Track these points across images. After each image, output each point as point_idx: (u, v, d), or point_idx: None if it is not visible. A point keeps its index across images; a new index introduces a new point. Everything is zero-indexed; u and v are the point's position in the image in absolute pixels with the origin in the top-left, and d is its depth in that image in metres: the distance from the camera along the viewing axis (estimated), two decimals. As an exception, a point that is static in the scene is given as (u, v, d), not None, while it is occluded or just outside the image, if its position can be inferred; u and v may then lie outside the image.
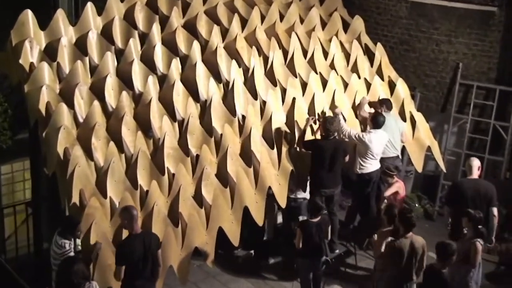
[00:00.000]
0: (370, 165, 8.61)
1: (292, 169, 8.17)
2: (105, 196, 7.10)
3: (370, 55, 9.77)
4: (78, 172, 6.97)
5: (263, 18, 9.34)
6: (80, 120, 7.57)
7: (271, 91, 8.54)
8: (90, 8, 8.41)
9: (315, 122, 8.52)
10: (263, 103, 8.48)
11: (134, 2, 8.76)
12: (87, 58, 8.09)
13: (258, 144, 8.07)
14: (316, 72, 9.04)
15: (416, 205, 10.52)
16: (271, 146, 8.20)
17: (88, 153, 7.28)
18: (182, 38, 8.68)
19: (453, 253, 6.75)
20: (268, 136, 8.24)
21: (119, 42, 8.46)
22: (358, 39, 9.71)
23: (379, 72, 9.58)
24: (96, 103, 7.61)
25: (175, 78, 8.18)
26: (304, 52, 9.22)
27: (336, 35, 9.60)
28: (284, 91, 8.70)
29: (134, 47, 8.32)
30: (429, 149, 9.45)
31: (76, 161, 7.02)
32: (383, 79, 9.53)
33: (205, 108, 8.16)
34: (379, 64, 9.65)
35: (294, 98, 8.61)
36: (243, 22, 9.16)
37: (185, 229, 7.29)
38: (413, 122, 9.37)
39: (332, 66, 9.28)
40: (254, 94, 8.48)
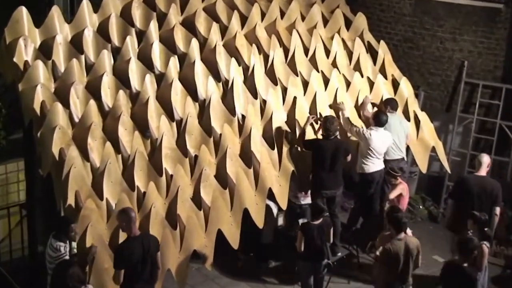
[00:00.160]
0: (372, 164, 8.60)
1: (293, 169, 8.17)
2: (101, 197, 7.10)
3: (373, 53, 9.77)
4: (74, 173, 6.98)
5: (263, 15, 9.34)
6: (76, 119, 7.57)
7: (271, 90, 8.54)
8: (86, 5, 8.41)
9: (316, 121, 8.53)
10: (264, 102, 8.49)
11: (131, -1, 8.78)
12: (83, 56, 8.09)
13: (258, 145, 8.07)
14: (317, 70, 9.04)
15: (420, 207, 10.52)
16: (272, 147, 8.20)
17: (84, 153, 7.28)
18: (180, 36, 8.68)
19: (474, 248, 6.85)
20: (268, 136, 8.24)
21: (115, 40, 8.46)
22: (361, 37, 9.71)
23: (382, 71, 9.59)
24: (92, 102, 7.61)
25: (173, 76, 8.18)
26: (306, 50, 9.22)
27: (338, 32, 9.60)
28: (285, 90, 8.71)
29: (131, 45, 8.32)
30: (433, 149, 9.45)
31: (71, 161, 7.02)
32: (386, 78, 9.53)
33: (204, 108, 8.16)
34: (382, 62, 9.65)
35: (295, 97, 8.62)
36: (243, 19, 9.17)
37: (183, 231, 7.29)
38: (417, 122, 9.37)
39: (334, 64, 9.29)
40: (254, 93, 8.48)
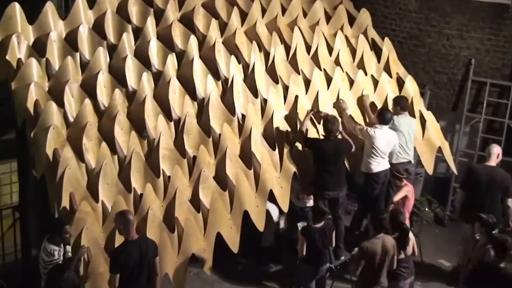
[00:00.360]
0: (377, 164, 8.58)
1: (294, 171, 8.17)
2: (96, 200, 7.11)
3: (377, 50, 9.76)
4: (68, 175, 6.98)
5: (264, 11, 9.35)
6: (71, 119, 7.57)
7: (272, 88, 8.54)
8: (81, 1, 8.40)
9: (317, 117, 8.47)
10: (264, 101, 8.49)
11: (127, -5, 8.78)
12: (77, 54, 8.09)
13: (258, 145, 8.07)
14: (320, 68, 9.04)
15: (426, 209, 10.52)
16: (273, 147, 8.20)
17: (79, 154, 7.29)
18: (178, 33, 8.69)
19: (509, 247, 6.94)
20: (269, 136, 8.24)
21: (111, 37, 8.46)
22: (365, 34, 9.71)
23: (387, 69, 9.58)
24: (87, 102, 7.61)
25: (171, 75, 8.18)
26: (308, 48, 9.21)
27: (341, 29, 9.60)
28: (286, 89, 8.71)
29: (128, 42, 8.33)
30: (439, 150, 9.45)
31: (66, 162, 7.02)
32: (391, 76, 9.53)
33: (202, 107, 8.16)
34: (387, 60, 9.64)
35: (296, 96, 8.62)
36: (243, 16, 9.17)
37: (181, 234, 7.29)
38: (422, 121, 9.37)
39: (337, 62, 9.28)
40: (255, 92, 8.48)
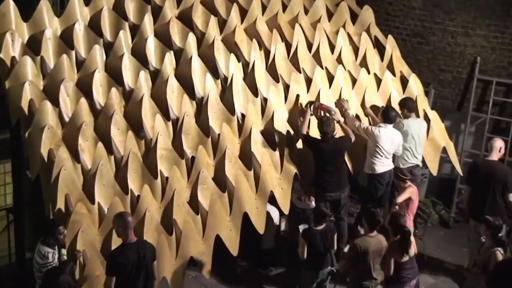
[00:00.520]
0: (381, 164, 8.58)
1: (296, 172, 8.17)
2: (92, 201, 7.10)
3: (380, 48, 9.77)
4: (64, 176, 6.98)
5: (264, 8, 9.35)
6: (66, 119, 7.57)
7: (273, 87, 8.54)
8: (76, -3, 8.44)
9: (317, 110, 8.45)
10: (264, 100, 8.49)
11: (124, -9, 8.78)
12: (73, 52, 8.09)
13: (258, 145, 8.07)
14: (321, 66, 9.04)
15: (431, 211, 10.51)
16: (273, 147, 8.20)
17: (75, 155, 7.29)
18: (176, 30, 8.69)
19: None
20: (269, 137, 8.24)
21: (108, 35, 8.47)
22: (368, 31, 9.71)
23: (390, 67, 9.58)
24: (83, 101, 7.61)
25: (168, 73, 8.18)
26: (309, 45, 9.21)
27: (344, 26, 9.60)
28: (287, 88, 8.70)
29: (124, 40, 8.33)
30: (444, 150, 9.45)
31: (61, 163, 7.02)
32: (394, 75, 9.53)
33: (201, 106, 8.16)
34: (390, 58, 9.64)
35: (298, 95, 8.62)
36: (243, 13, 9.17)
37: (179, 237, 7.29)
38: (427, 121, 9.35)
39: (339, 60, 9.28)
40: (255, 91, 8.48)
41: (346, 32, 9.57)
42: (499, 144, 8.62)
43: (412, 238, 7.55)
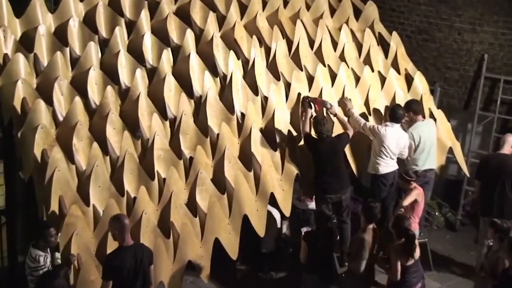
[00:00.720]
0: (386, 165, 8.58)
1: (297, 173, 8.18)
2: (87, 203, 7.11)
3: (384, 45, 9.77)
4: (58, 177, 6.98)
5: (264, 4, 9.35)
6: (60, 118, 7.58)
7: (273, 85, 8.54)
8: (71, -7, 8.44)
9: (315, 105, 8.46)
10: (265, 99, 8.49)
11: (120, -14, 8.79)
12: (67, 49, 8.10)
13: (259, 145, 8.08)
14: (324, 64, 9.05)
15: (436, 213, 10.52)
16: (274, 148, 8.20)
17: (69, 155, 7.29)
18: (174, 26, 8.69)
19: None
20: (270, 136, 8.24)
21: (103, 31, 8.47)
22: (371, 28, 9.72)
23: (395, 65, 9.59)
24: (77, 100, 7.62)
25: (166, 71, 8.19)
26: (311, 42, 9.22)
27: (347, 23, 9.61)
28: (288, 86, 8.71)
29: (120, 37, 8.33)
30: (450, 151, 9.45)
31: (55, 164, 7.02)
32: (399, 72, 9.53)
33: (199, 105, 8.17)
34: (395, 56, 9.65)
35: (299, 94, 8.62)
36: (242, 9, 9.17)
37: (177, 240, 7.29)
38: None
39: (342, 57, 9.29)
40: (255, 89, 8.48)
41: (349, 28, 9.58)
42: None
43: (417, 241, 7.56)
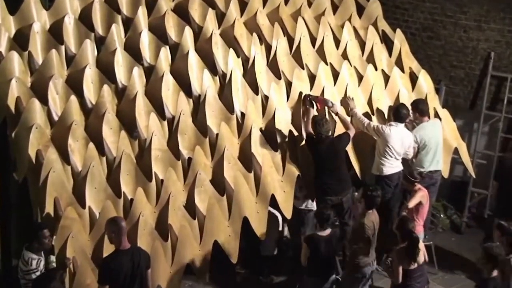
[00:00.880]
0: (390, 165, 8.57)
1: (298, 174, 8.17)
2: (83, 205, 7.11)
3: (388, 43, 9.77)
4: (53, 178, 6.98)
5: (265, 0, 9.35)
6: (55, 118, 7.58)
7: (274, 84, 8.54)
8: (66, -11, 8.45)
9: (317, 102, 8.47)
10: (265, 98, 8.49)
11: (117, -18, 8.79)
12: (63, 47, 8.10)
13: (259, 146, 8.08)
14: (326, 62, 9.04)
15: (442, 215, 10.51)
16: (274, 148, 8.20)
17: (64, 156, 7.29)
18: (172, 24, 8.69)
19: None
20: (271, 136, 8.24)
21: (99, 28, 8.47)
22: (375, 25, 9.71)
23: (399, 63, 9.58)
24: (73, 99, 7.62)
25: (164, 69, 8.19)
26: (313, 40, 9.21)
27: (349, 20, 9.60)
28: (289, 85, 8.70)
29: (117, 34, 8.33)
30: (456, 151, 9.45)
31: (50, 165, 7.02)
32: (403, 71, 9.53)
33: (198, 104, 8.17)
34: (399, 54, 9.65)
35: (300, 93, 8.62)
36: (242, 5, 9.17)
37: (175, 243, 7.29)
38: (437, 120, 9.38)
39: (344, 55, 9.28)
40: (255, 88, 8.48)
41: (352, 25, 9.57)
42: None
43: (422, 244, 7.55)
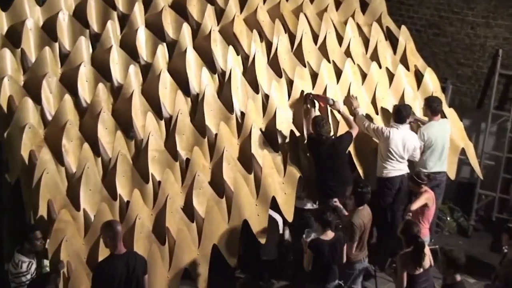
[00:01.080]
0: (392, 168, 8.57)
1: (300, 175, 8.17)
2: (78, 208, 7.10)
3: (393, 40, 9.77)
4: (46, 180, 6.98)
5: (265, -4, 9.37)
6: (49, 117, 7.58)
7: (275, 83, 8.54)
8: (60, -16, 8.45)
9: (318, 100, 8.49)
10: (266, 97, 8.49)
11: (112, -22, 8.79)
12: (56, 44, 8.11)
13: (259, 146, 8.08)
14: (328, 60, 9.04)
15: (448, 218, 10.51)
16: (275, 149, 8.20)
17: (58, 156, 7.29)
18: (169, 20, 8.70)
19: None
20: (271, 137, 8.24)
21: (94, 25, 8.47)
22: (379, 22, 9.71)
23: (404, 61, 9.58)
24: (67, 98, 7.62)
25: (161, 67, 8.19)
26: (315, 37, 9.22)
27: (353, 16, 9.61)
28: (290, 83, 8.71)
29: (113, 31, 8.33)
30: (463, 152, 9.44)
31: (43, 166, 7.02)
32: (408, 69, 9.53)
33: (196, 103, 8.17)
34: (404, 51, 9.65)
35: (302, 91, 8.62)
36: (242, 1, 9.17)
37: (173, 247, 7.29)
38: (444, 120, 9.37)
39: (347, 53, 9.29)
40: (255, 87, 8.48)
41: (356, 22, 9.57)
42: None
43: (427, 248, 7.54)
